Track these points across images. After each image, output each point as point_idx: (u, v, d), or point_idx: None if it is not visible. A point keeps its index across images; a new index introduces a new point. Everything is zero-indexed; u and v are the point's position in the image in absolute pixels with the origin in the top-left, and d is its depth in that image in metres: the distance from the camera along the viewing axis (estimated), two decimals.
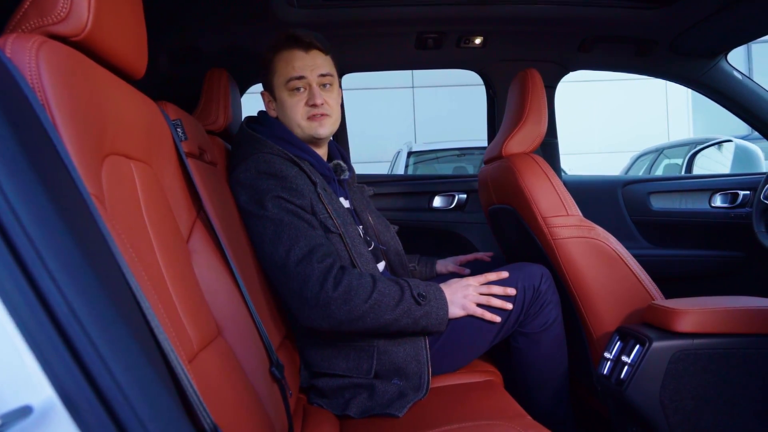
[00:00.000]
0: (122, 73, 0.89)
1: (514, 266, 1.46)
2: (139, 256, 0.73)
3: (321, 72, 1.39)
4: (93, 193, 0.66)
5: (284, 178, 1.29)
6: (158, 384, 0.47)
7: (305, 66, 1.37)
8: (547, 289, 1.42)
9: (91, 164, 0.70)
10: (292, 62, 1.37)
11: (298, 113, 1.39)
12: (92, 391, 0.42)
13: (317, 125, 1.39)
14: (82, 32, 0.74)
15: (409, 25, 1.93)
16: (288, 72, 1.38)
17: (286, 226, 1.25)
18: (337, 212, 1.35)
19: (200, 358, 0.88)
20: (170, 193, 1.02)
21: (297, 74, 1.37)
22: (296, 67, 1.37)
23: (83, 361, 0.42)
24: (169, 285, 0.86)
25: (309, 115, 1.39)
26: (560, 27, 1.98)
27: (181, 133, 1.13)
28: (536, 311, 1.41)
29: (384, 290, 1.24)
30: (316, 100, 1.37)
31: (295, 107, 1.39)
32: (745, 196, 2.13)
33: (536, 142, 1.62)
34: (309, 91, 1.38)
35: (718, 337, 1.26)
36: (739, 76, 2.10)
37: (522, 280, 1.41)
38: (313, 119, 1.39)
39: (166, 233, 0.92)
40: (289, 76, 1.38)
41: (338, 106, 1.45)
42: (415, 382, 1.30)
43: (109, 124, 0.79)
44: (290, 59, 1.38)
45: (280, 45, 1.39)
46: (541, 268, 1.44)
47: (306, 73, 1.37)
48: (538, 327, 1.41)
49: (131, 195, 0.84)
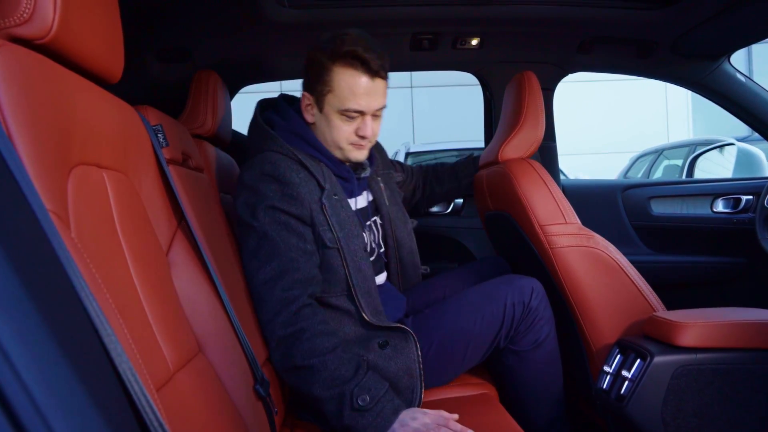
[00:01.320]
0: (96, 78, 0.84)
1: (504, 279, 1.41)
2: (106, 275, 0.68)
3: (379, 106, 1.31)
4: (51, 210, 0.61)
5: (287, 183, 1.23)
6: (106, 428, 0.42)
7: (368, 100, 1.28)
8: (537, 305, 1.36)
9: (52, 177, 0.65)
10: (355, 90, 1.26)
11: (343, 138, 1.32)
12: None
13: (357, 152, 1.34)
14: (47, 35, 0.70)
15: (404, 26, 1.88)
16: (347, 101, 1.27)
17: (269, 241, 1.20)
18: (341, 224, 1.27)
19: (177, 379, 0.83)
20: (149, 202, 0.97)
21: (357, 108, 1.28)
22: (359, 100, 1.27)
23: (14, 411, 0.37)
24: (144, 302, 0.81)
25: (353, 142, 1.33)
26: (558, 28, 1.93)
27: (161, 138, 1.08)
28: (526, 328, 1.36)
29: (329, 364, 1.12)
30: (366, 132, 1.31)
31: (342, 132, 1.31)
32: (748, 201, 2.08)
33: (533, 147, 1.57)
34: (362, 120, 1.31)
35: (722, 351, 1.21)
36: (742, 78, 2.05)
37: (511, 294, 1.35)
38: (355, 146, 1.33)
39: (143, 246, 0.87)
40: (347, 107, 1.28)
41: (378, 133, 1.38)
42: (407, 396, 1.26)
43: (77, 131, 0.74)
44: (354, 86, 1.26)
45: (345, 59, 1.26)
46: (532, 282, 1.38)
47: (365, 107, 1.28)
48: (529, 344, 1.37)
49: (103, 207, 0.79)
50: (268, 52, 1.96)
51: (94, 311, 0.56)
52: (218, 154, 1.61)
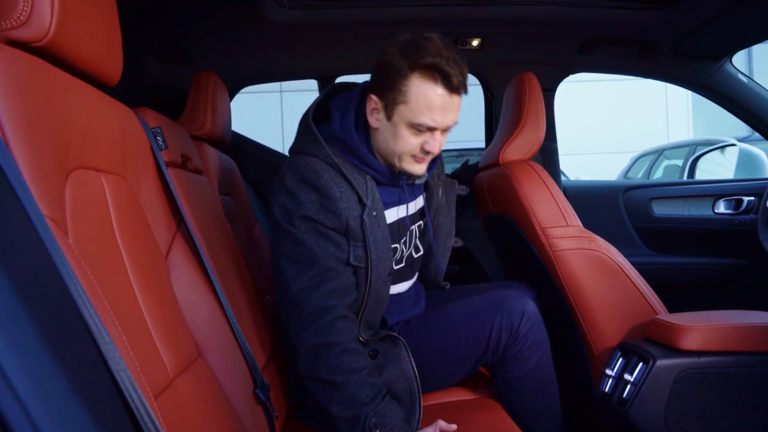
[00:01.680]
0: (94, 80, 0.83)
1: (497, 297, 1.32)
2: (104, 282, 0.67)
3: (452, 123, 1.21)
4: (48, 215, 0.60)
5: (327, 196, 1.18)
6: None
7: (443, 116, 1.18)
8: (527, 331, 1.27)
9: (49, 182, 0.64)
10: (431, 104, 1.16)
11: (407, 150, 1.22)
12: None
13: (417, 165, 1.24)
14: (44, 37, 0.69)
15: (404, 27, 1.86)
16: (422, 115, 1.17)
17: (306, 249, 1.17)
18: (376, 244, 1.22)
19: (176, 385, 0.82)
20: (148, 206, 0.96)
21: (431, 125, 1.18)
22: (434, 116, 1.17)
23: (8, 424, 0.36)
24: (143, 307, 0.81)
25: (416, 155, 1.23)
26: (560, 28, 1.92)
27: (161, 141, 1.07)
28: (514, 355, 1.29)
29: (351, 385, 1.11)
30: (434, 149, 1.21)
31: (408, 144, 1.21)
32: (750, 202, 2.07)
33: (534, 149, 1.56)
34: (431, 135, 1.21)
35: (725, 355, 1.20)
36: (744, 79, 2.05)
37: (499, 318, 1.28)
38: (416, 159, 1.24)
39: (142, 250, 0.86)
40: (420, 121, 1.18)
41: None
42: (406, 399, 1.24)
43: (74, 134, 0.73)
44: (431, 99, 1.16)
45: (425, 71, 1.15)
46: (525, 304, 1.29)
47: (439, 123, 1.19)
48: (517, 371, 1.31)
49: (101, 211, 0.79)
50: (267, 52, 1.95)
51: (92, 320, 0.55)
52: (218, 155, 1.60)
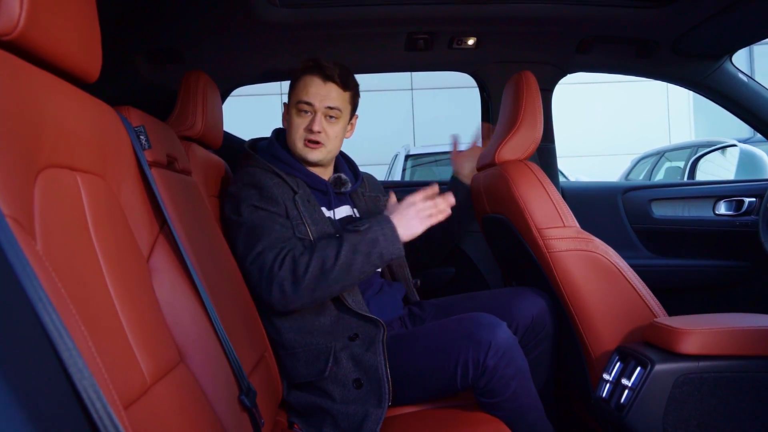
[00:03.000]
0: (70, 77, 0.80)
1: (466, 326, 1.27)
2: (72, 286, 0.64)
3: (329, 104, 1.47)
4: (10, 215, 0.57)
5: (263, 188, 1.39)
6: None
7: (317, 94, 1.46)
8: (496, 364, 1.21)
9: (13, 180, 0.61)
10: (308, 87, 1.47)
11: (297, 134, 1.49)
12: None
13: (309, 150, 1.48)
14: (13, 31, 0.66)
15: (399, 26, 1.84)
16: (301, 94, 1.48)
17: (257, 228, 1.35)
18: (314, 220, 1.40)
19: (153, 392, 0.79)
20: (128, 207, 0.93)
21: (306, 99, 1.47)
22: (309, 93, 1.47)
23: None
24: (120, 311, 0.78)
25: (305, 139, 1.48)
26: (557, 27, 1.89)
27: (143, 140, 1.04)
28: (485, 385, 1.24)
29: (322, 247, 1.30)
30: (314, 126, 1.46)
31: (296, 127, 1.49)
32: (751, 203, 2.04)
33: (531, 149, 1.53)
34: (313, 117, 1.47)
35: (725, 359, 1.17)
36: (744, 78, 2.01)
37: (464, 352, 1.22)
38: (307, 144, 1.48)
39: (119, 252, 0.83)
40: (299, 98, 1.48)
41: (337, 140, 1.51)
42: (374, 389, 1.24)
43: (46, 132, 0.70)
44: (308, 84, 1.47)
45: (305, 69, 1.49)
46: (493, 334, 1.22)
47: (315, 101, 1.46)
48: (493, 398, 1.25)
49: (75, 211, 0.76)
50: (260, 52, 1.92)
51: (53, 325, 0.52)
52: (208, 156, 1.58)
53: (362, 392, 1.24)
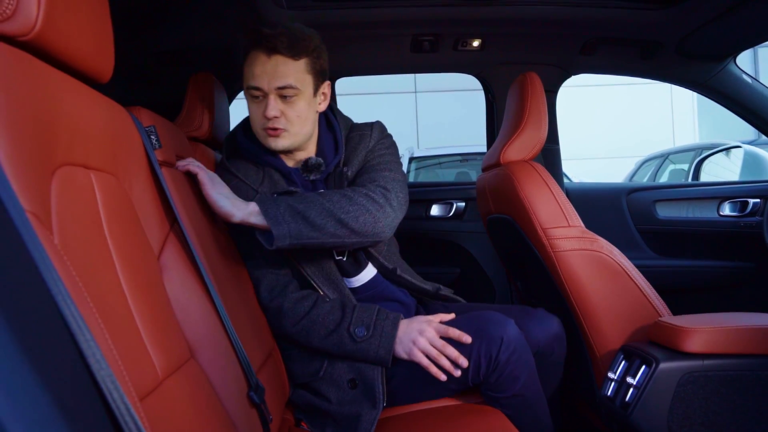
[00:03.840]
0: (84, 77, 0.82)
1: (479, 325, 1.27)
2: (89, 280, 0.66)
3: (279, 84, 1.24)
4: (30, 210, 0.59)
5: None
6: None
7: (263, 74, 1.24)
8: (507, 359, 1.22)
9: (32, 177, 0.62)
10: (253, 68, 1.25)
11: (256, 122, 1.31)
12: None
13: (271, 140, 1.30)
14: (30, 31, 0.68)
15: (404, 27, 1.86)
16: (248, 79, 1.27)
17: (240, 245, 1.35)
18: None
19: (165, 386, 0.80)
20: (140, 205, 0.95)
21: (253, 84, 1.26)
22: (255, 75, 1.25)
23: None
24: (132, 306, 0.79)
25: (264, 127, 1.30)
26: (561, 29, 1.90)
27: (154, 140, 1.06)
28: (495, 380, 1.25)
29: (316, 318, 1.25)
30: (268, 112, 1.26)
31: (253, 115, 1.31)
32: (755, 204, 2.04)
33: (536, 149, 1.54)
34: (265, 100, 1.27)
35: (729, 357, 1.18)
36: (748, 79, 2.02)
37: (477, 349, 1.23)
38: (267, 132, 1.30)
39: (132, 249, 0.85)
40: (247, 84, 1.27)
41: (302, 119, 1.30)
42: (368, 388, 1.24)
43: (62, 131, 0.72)
44: (252, 64, 1.26)
45: (246, 37, 1.26)
46: (504, 331, 1.23)
47: (262, 84, 1.25)
48: (501, 393, 1.26)
49: (89, 209, 0.77)
50: None
51: (72, 317, 0.53)
52: (216, 157, 1.59)
53: (357, 393, 1.24)
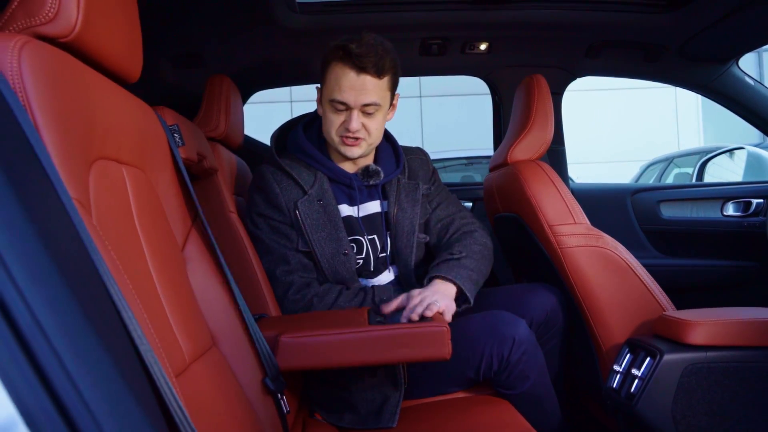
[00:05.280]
0: (115, 77, 0.87)
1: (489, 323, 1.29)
2: (126, 263, 0.70)
3: (366, 102, 1.33)
4: (76, 198, 0.63)
5: (269, 193, 1.38)
6: (131, 401, 0.44)
7: (351, 91, 1.32)
8: (518, 359, 1.25)
9: (76, 168, 0.67)
10: (341, 83, 1.32)
11: (333, 130, 1.38)
12: (55, 408, 0.39)
13: (347, 148, 1.38)
14: (70, 33, 0.72)
15: (413, 31, 1.91)
16: (334, 92, 1.34)
17: (260, 240, 1.38)
18: (315, 226, 1.37)
19: (192, 369, 0.85)
20: (165, 199, 0.99)
21: (340, 99, 1.33)
22: (342, 90, 1.32)
23: (47, 376, 0.39)
24: (161, 293, 0.84)
25: (343, 136, 1.37)
26: (567, 32, 1.95)
27: (178, 138, 1.10)
28: (506, 378, 1.28)
29: (343, 305, 1.33)
30: (351, 126, 1.34)
31: (332, 123, 1.37)
32: (759, 204, 2.08)
33: (542, 149, 1.59)
34: (348, 113, 1.35)
35: (732, 349, 1.21)
36: (751, 82, 2.06)
37: (489, 347, 1.26)
38: (344, 140, 1.37)
39: (159, 240, 0.89)
40: (333, 97, 1.34)
41: (378, 131, 1.40)
42: (388, 372, 1.27)
43: (98, 126, 0.77)
44: (340, 78, 1.32)
45: (335, 53, 1.33)
46: (516, 330, 1.26)
47: (349, 99, 1.33)
48: (511, 390, 1.30)
49: (122, 200, 0.82)
50: (279, 57, 1.99)
51: (116, 295, 0.58)
52: (231, 156, 1.64)
53: (378, 379, 1.28)
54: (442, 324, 1.11)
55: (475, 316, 1.34)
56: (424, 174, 1.54)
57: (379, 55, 1.31)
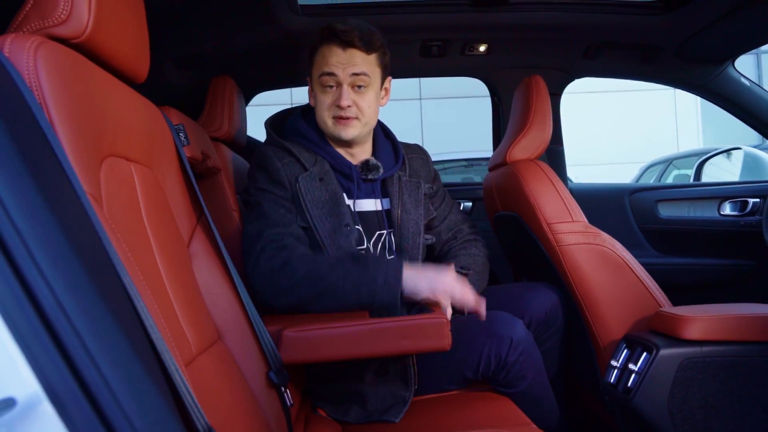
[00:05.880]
0: (124, 77, 0.89)
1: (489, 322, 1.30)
2: (136, 256, 0.73)
3: (354, 71, 1.33)
4: (89, 192, 0.66)
5: (271, 170, 1.34)
6: (147, 381, 0.46)
7: (338, 63, 1.33)
8: (516, 360, 1.26)
9: (88, 164, 0.69)
10: (327, 58, 1.34)
11: (325, 111, 1.37)
12: (78, 385, 0.41)
13: (341, 128, 1.36)
14: (82, 34, 0.75)
15: (414, 33, 1.93)
16: (321, 67, 1.34)
17: (260, 208, 1.31)
18: (316, 202, 1.32)
19: (198, 361, 0.87)
20: (171, 196, 1.02)
21: (328, 70, 1.33)
22: (330, 63, 1.33)
23: (69, 354, 0.41)
24: (168, 287, 0.86)
25: (335, 116, 1.35)
26: (565, 34, 1.97)
27: (183, 137, 1.13)
28: (503, 377, 1.30)
29: (320, 261, 1.24)
30: (342, 101, 1.33)
31: (323, 104, 1.37)
32: (755, 203, 2.10)
33: (541, 149, 1.61)
34: (339, 89, 1.34)
35: (727, 344, 1.23)
36: (746, 82, 2.09)
37: (488, 347, 1.27)
38: (338, 121, 1.36)
39: (166, 236, 0.92)
40: (321, 71, 1.35)
41: (371, 110, 1.38)
42: (399, 370, 1.28)
43: (108, 125, 0.79)
44: (327, 54, 1.34)
45: (322, 38, 1.36)
46: (513, 331, 1.28)
47: (338, 70, 1.33)
48: (509, 389, 1.31)
49: (131, 196, 0.84)
50: (282, 58, 2.02)
51: (129, 284, 0.60)
52: (234, 156, 1.67)
53: (389, 377, 1.29)
54: (442, 316, 1.13)
55: (473, 317, 1.34)
56: (425, 174, 1.54)
57: (365, 31, 1.33)
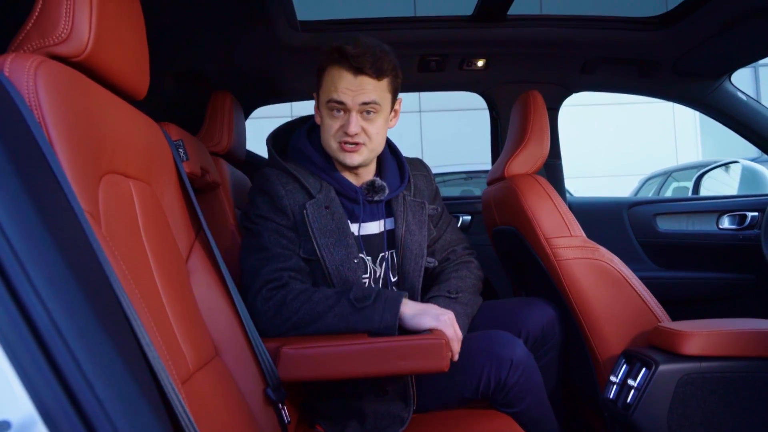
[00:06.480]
0: (123, 94, 0.90)
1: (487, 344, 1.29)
2: (133, 274, 0.73)
3: (364, 100, 1.27)
4: (87, 210, 0.66)
5: (274, 196, 1.30)
6: (142, 401, 0.46)
7: (347, 89, 1.27)
8: (515, 382, 1.25)
9: (86, 182, 0.70)
10: (337, 83, 1.27)
11: (331, 135, 1.31)
12: (72, 406, 0.41)
13: (347, 155, 1.31)
14: (82, 53, 0.76)
15: (412, 48, 1.95)
16: (330, 93, 1.28)
17: (261, 239, 1.28)
18: (323, 231, 1.29)
19: (195, 378, 0.87)
20: (170, 212, 1.02)
21: (337, 98, 1.27)
22: (339, 89, 1.27)
23: (64, 376, 0.41)
24: (166, 303, 0.86)
25: (341, 141, 1.30)
26: (562, 49, 1.99)
27: (182, 153, 1.14)
28: (503, 398, 1.28)
29: (317, 299, 1.21)
30: (350, 129, 1.28)
31: (329, 128, 1.31)
32: (754, 217, 2.10)
33: (539, 163, 1.62)
34: (347, 115, 1.29)
35: (726, 360, 1.23)
36: (743, 97, 2.10)
37: (487, 368, 1.26)
38: (344, 147, 1.30)
39: (165, 252, 0.92)
40: (329, 97, 1.28)
41: (380, 135, 1.33)
42: (399, 390, 1.27)
43: (107, 142, 0.80)
44: (336, 79, 1.27)
45: (331, 56, 1.28)
46: (513, 352, 1.26)
47: (347, 98, 1.27)
48: (508, 410, 1.30)
49: (129, 213, 0.85)
50: (281, 74, 2.04)
51: (125, 303, 0.60)
52: (233, 170, 1.67)
53: (388, 396, 1.27)
54: (441, 337, 1.13)
55: (472, 336, 1.33)
56: (429, 193, 1.50)
57: (377, 56, 1.27)
